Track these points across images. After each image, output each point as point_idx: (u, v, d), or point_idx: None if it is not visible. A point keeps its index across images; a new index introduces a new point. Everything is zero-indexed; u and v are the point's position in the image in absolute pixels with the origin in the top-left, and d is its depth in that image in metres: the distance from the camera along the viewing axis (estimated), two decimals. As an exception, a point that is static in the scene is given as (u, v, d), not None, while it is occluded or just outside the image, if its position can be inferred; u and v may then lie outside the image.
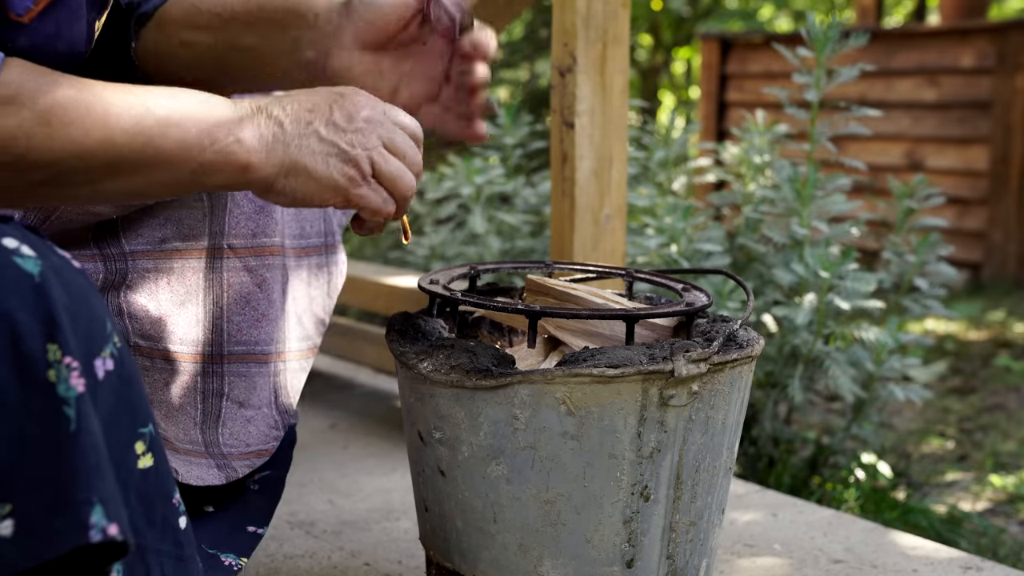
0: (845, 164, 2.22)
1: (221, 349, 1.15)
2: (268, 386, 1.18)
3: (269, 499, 1.22)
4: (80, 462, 0.71)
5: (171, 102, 0.88)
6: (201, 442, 1.14)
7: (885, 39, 5.73)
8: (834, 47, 2.13)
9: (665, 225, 2.13)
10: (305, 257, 1.23)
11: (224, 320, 1.15)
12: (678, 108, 7.60)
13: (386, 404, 2.28)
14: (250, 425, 1.17)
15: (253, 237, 1.16)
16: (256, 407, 1.17)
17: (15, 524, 0.69)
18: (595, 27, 1.67)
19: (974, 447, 2.79)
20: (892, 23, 9.68)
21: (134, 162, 0.86)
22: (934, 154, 5.54)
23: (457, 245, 2.79)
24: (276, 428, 1.19)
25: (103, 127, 0.84)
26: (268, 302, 1.17)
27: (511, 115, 2.82)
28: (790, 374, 2.05)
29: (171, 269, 1.13)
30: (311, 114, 0.93)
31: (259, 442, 1.17)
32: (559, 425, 1.01)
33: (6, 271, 0.70)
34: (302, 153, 0.92)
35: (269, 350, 1.18)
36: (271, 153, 0.91)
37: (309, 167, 0.92)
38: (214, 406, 1.14)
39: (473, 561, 1.10)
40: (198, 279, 1.14)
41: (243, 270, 1.16)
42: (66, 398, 0.71)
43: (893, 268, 2.34)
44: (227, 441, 1.15)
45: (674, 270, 1.32)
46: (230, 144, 0.89)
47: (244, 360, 1.16)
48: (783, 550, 1.50)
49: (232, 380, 1.15)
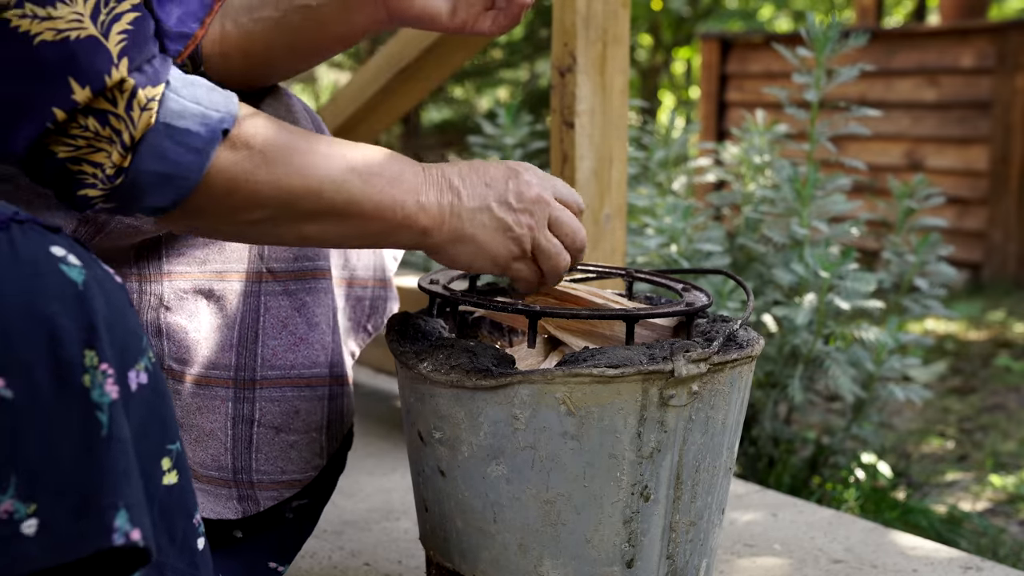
0: (845, 164, 2.22)
1: (254, 374, 1.13)
2: (318, 410, 1.16)
3: (300, 532, 1.21)
4: (109, 466, 0.72)
5: (369, 161, 0.96)
6: (230, 468, 1.12)
7: (885, 39, 5.73)
8: (834, 47, 2.13)
9: (665, 225, 2.13)
10: (346, 287, 1.23)
11: (259, 344, 1.14)
12: (678, 108, 7.59)
13: (386, 404, 2.28)
14: (292, 451, 1.15)
15: (295, 261, 1.16)
16: (301, 432, 1.15)
17: (39, 523, 0.69)
18: (595, 27, 1.67)
19: (974, 447, 2.79)
20: (892, 23, 9.68)
21: (337, 213, 0.94)
22: (934, 154, 5.54)
23: (457, 245, 2.79)
24: (319, 456, 1.17)
25: (314, 176, 0.93)
26: (308, 326, 1.15)
27: (511, 115, 2.82)
28: (790, 374, 2.05)
29: (211, 292, 1.12)
30: (487, 189, 1.01)
31: (297, 470, 1.15)
32: (559, 425, 1.01)
33: (51, 277, 0.71)
34: (474, 226, 1.00)
35: (313, 373, 1.16)
36: (447, 222, 0.99)
37: (478, 239, 1.01)
38: (244, 432, 1.13)
39: (473, 561, 1.10)
40: (238, 303, 1.13)
41: (282, 294, 1.15)
42: (99, 403, 0.72)
43: (893, 268, 2.34)
44: (261, 467, 1.13)
45: (674, 270, 1.32)
46: (416, 212, 0.97)
47: (278, 385, 1.14)
48: (783, 550, 1.50)
49: (264, 405, 1.14)
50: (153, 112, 0.84)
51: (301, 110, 1.21)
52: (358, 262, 1.24)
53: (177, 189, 0.88)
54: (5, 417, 0.69)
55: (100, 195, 0.86)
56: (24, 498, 0.69)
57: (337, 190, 0.94)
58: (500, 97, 6.74)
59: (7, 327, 0.69)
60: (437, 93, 5.51)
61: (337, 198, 0.94)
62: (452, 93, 5.76)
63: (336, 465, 1.22)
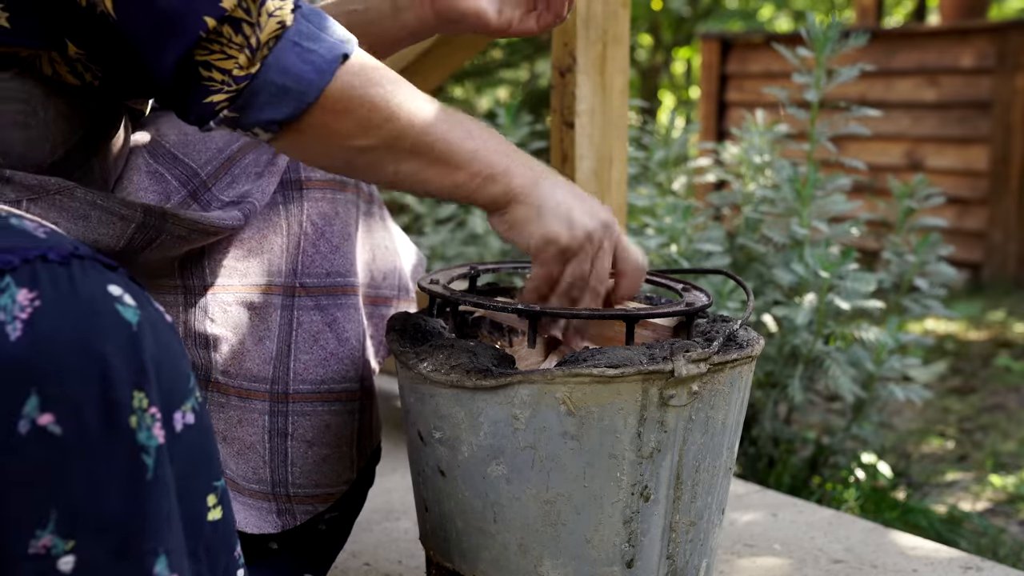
0: (845, 164, 2.22)
1: (287, 388, 1.14)
2: (348, 425, 1.17)
3: (333, 544, 1.21)
4: (152, 510, 0.72)
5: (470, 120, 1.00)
6: (269, 481, 1.13)
7: (885, 39, 5.73)
8: (834, 47, 2.13)
9: (665, 225, 2.13)
10: (371, 306, 1.24)
11: (292, 359, 1.14)
12: (678, 108, 7.60)
13: (386, 404, 2.28)
14: (324, 465, 1.15)
15: (327, 276, 1.17)
16: (332, 446, 1.16)
17: (77, 560, 0.70)
18: (595, 27, 1.67)
19: (974, 447, 2.79)
20: (892, 23, 9.68)
21: (437, 154, 0.98)
22: (934, 154, 5.54)
23: (457, 245, 2.79)
24: (350, 470, 1.17)
25: (421, 114, 0.96)
26: (338, 341, 1.16)
27: (511, 115, 2.82)
28: (790, 374, 2.05)
29: (252, 304, 1.13)
30: (568, 185, 1.04)
31: (330, 483, 1.16)
32: (559, 425, 1.01)
33: (107, 317, 0.72)
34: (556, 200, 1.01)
35: (343, 388, 1.17)
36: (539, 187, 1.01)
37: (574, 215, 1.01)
38: (279, 446, 1.13)
39: (473, 561, 1.10)
40: (277, 316, 1.14)
41: (314, 309, 1.16)
42: (146, 446, 0.73)
43: (893, 268, 2.34)
44: (296, 480, 1.14)
45: (674, 270, 1.32)
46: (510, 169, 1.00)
47: (309, 399, 1.15)
48: (783, 550, 1.50)
49: (296, 419, 1.14)
50: (281, 18, 0.90)
51: None
52: (383, 281, 1.25)
53: (296, 102, 0.91)
54: (52, 452, 0.69)
55: (224, 100, 0.90)
56: (64, 535, 0.69)
57: (443, 133, 0.97)
58: (500, 97, 6.74)
59: (61, 364, 0.70)
60: (437, 93, 5.50)
61: (440, 140, 0.97)
62: (452, 93, 5.76)
63: (366, 479, 1.23)
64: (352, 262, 1.19)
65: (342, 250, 1.17)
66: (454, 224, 3.01)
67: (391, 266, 1.27)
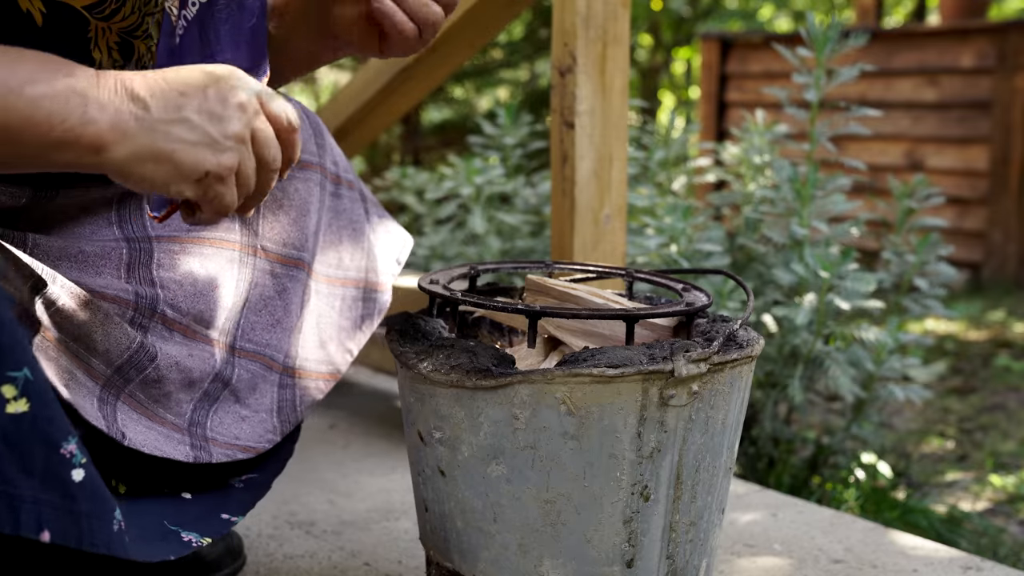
0: (845, 164, 2.22)
1: (234, 341, 1.15)
2: (271, 394, 1.18)
3: (251, 495, 1.19)
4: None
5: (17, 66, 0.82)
6: (187, 420, 1.11)
7: (885, 39, 5.73)
8: (834, 47, 2.13)
9: (665, 225, 2.13)
10: (340, 287, 1.25)
11: (243, 315, 1.15)
12: (678, 108, 7.59)
13: (386, 404, 2.28)
14: (244, 423, 1.16)
15: (284, 246, 1.18)
16: (254, 409, 1.17)
17: None
18: (595, 27, 1.67)
19: (974, 447, 2.79)
20: (892, 23, 9.68)
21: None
22: (934, 154, 5.54)
23: (457, 245, 2.79)
24: (272, 433, 1.18)
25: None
26: (285, 311, 1.18)
27: (511, 115, 2.82)
28: (790, 374, 2.05)
29: (203, 254, 1.13)
30: (183, 98, 0.87)
31: (250, 439, 1.16)
32: (559, 425, 1.01)
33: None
34: (169, 140, 0.86)
35: (278, 359, 1.18)
36: (133, 137, 0.84)
37: (175, 156, 0.86)
38: (216, 391, 1.13)
39: (473, 561, 1.10)
40: (233, 269, 1.14)
41: (269, 274, 1.18)
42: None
43: (893, 268, 2.34)
44: (215, 428, 1.13)
45: (674, 270, 1.32)
46: (83, 124, 0.83)
47: (252, 358, 1.16)
48: (783, 550, 1.50)
49: (239, 374, 1.15)
50: None
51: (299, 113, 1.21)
52: (351, 263, 1.26)
53: None
54: None
55: None
56: None
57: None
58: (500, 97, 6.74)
59: None
60: (437, 93, 5.51)
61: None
62: (452, 93, 5.76)
63: (287, 452, 1.23)
64: (306, 238, 1.20)
65: (299, 224, 1.18)
66: (454, 224, 3.01)
67: (361, 249, 1.27)
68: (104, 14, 0.99)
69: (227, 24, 1.06)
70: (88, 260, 1.06)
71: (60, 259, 1.04)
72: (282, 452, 1.23)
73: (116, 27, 1.01)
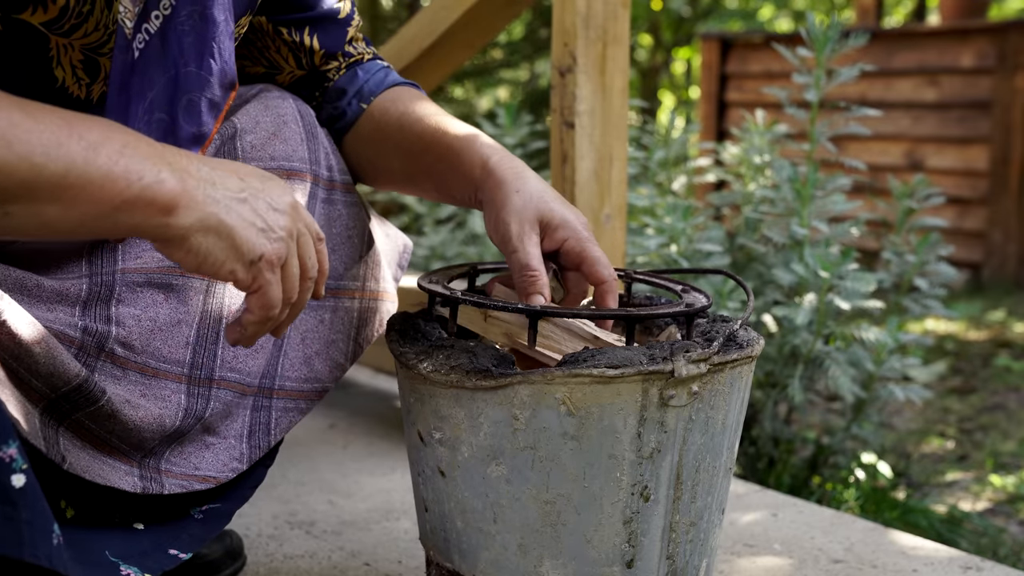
0: (845, 164, 2.22)
1: (212, 373, 1.09)
2: (242, 418, 1.12)
3: (208, 530, 1.12)
4: None
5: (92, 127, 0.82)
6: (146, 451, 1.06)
7: (885, 39, 5.73)
8: (834, 47, 2.13)
9: (665, 225, 2.13)
10: (332, 299, 1.19)
11: (219, 346, 1.09)
12: (678, 108, 7.59)
13: (386, 404, 2.28)
14: (206, 452, 1.10)
15: None
16: (222, 436, 1.11)
17: None
18: (595, 27, 1.67)
19: (974, 447, 2.79)
20: (892, 23, 9.68)
21: (54, 186, 0.79)
22: (934, 154, 5.54)
23: (457, 245, 2.79)
24: (238, 461, 1.12)
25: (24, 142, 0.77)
26: (265, 336, 1.11)
27: (511, 115, 2.82)
28: (790, 374, 2.05)
29: (170, 286, 1.07)
30: (242, 182, 0.89)
31: (211, 468, 1.10)
32: (559, 425, 1.01)
33: None
34: (231, 215, 0.86)
35: (251, 382, 1.12)
36: (198, 205, 0.84)
37: (235, 233, 0.86)
38: (187, 427, 1.08)
39: (473, 561, 1.10)
40: (199, 300, 1.09)
41: None
42: None
43: (893, 268, 2.34)
44: (172, 458, 1.07)
45: (674, 270, 1.32)
46: (157, 183, 0.82)
47: (232, 388, 1.11)
48: (783, 550, 1.50)
49: (213, 405, 1.09)
50: None
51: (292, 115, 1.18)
52: (346, 272, 1.20)
53: None
54: None
55: None
56: None
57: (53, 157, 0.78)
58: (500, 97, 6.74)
59: None
60: (437, 93, 5.51)
61: (53, 167, 0.78)
62: (452, 93, 5.76)
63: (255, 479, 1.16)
64: None
65: None
66: (454, 224, 3.01)
67: (357, 256, 1.22)
68: (63, 30, 0.96)
69: (190, 36, 1.05)
70: (43, 295, 1.01)
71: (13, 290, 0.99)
72: (250, 479, 1.16)
73: (79, 44, 0.98)
